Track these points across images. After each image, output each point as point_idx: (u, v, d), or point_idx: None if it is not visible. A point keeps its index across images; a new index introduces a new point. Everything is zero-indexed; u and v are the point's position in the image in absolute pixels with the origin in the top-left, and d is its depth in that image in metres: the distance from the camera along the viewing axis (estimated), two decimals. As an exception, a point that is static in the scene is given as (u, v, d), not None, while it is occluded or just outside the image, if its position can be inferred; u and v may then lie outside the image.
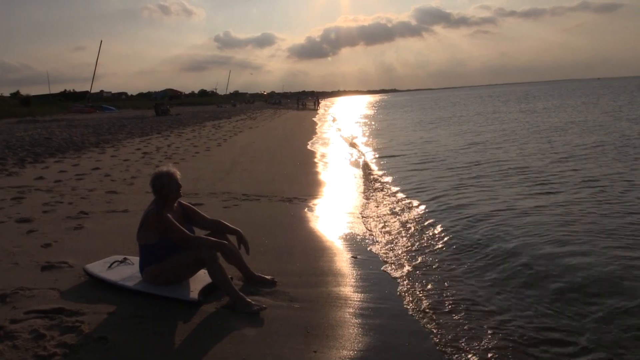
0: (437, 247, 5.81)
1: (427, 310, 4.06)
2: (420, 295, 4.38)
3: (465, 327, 3.76)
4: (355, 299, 4.20)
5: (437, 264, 5.19)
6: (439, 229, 6.53)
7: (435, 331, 3.69)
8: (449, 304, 4.17)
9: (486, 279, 4.80)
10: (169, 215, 4.04)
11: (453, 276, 4.86)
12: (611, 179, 9.35)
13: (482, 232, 6.33)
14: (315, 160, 14.02)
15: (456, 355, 3.36)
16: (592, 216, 6.84)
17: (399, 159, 14.33)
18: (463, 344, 3.50)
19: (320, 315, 3.84)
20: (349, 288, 4.44)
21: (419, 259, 5.36)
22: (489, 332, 3.69)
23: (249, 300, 3.89)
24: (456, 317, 3.93)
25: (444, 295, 4.38)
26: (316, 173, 11.55)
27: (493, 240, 5.94)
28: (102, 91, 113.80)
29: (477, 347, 3.47)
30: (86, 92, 79.61)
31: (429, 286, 4.58)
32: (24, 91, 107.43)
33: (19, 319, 3.57)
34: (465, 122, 28.18)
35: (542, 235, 6.06)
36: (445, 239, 6.09)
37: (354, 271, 4.90)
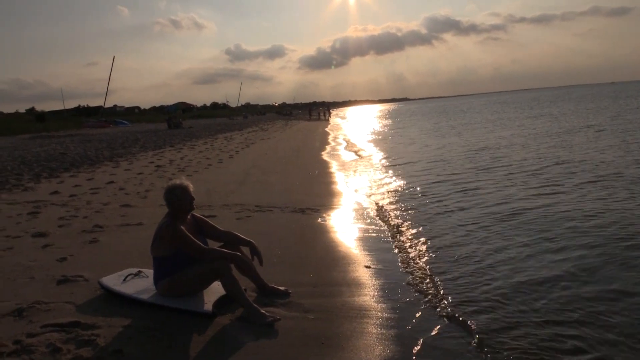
0: (452, 256, 5.76)
1: (443, 320, 4.03)
2: (436, 305, 4.34)
3: (484, 336, 3.71)
4: (370, 310, 4.17)
5: (454, 274, 5.14)
6: (454, 238, 6.49)
7: (451, 343, 3.65)
8: (466, 313, 4.13)
9: (511, 295, 4.72)
10: (182, 227, 4.06)
11: (469, 284, 4.81)
12: None
13: (501, 242, 6.27)
14: (328, 170, 14.02)
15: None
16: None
17: (412, 166, 14.26)
18: (480, 355, 3.46)
19: (335, 326, 3.82)
20: (363, 298, 4.42)
21: (435, 269, 5.31)
22: (511, 340, 3.64)
23: (263, 311, 3.88)
24: (474, 327, 3.88)
25: (460, 304, 4.33)
26: (328, 183, 11.55)
27: (514, 252, 5.89)
28: (115, 106, 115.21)
29: (498, 355, 3.43)
30: (100, 107, 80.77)
31: (444, 295, 4.53)
32: (39, 107, 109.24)
33: (35, 333, 3.60)
34: (470, 129, 28.02)
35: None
36: (460, 247, 6.05)
37: (368, 281, 4.87)
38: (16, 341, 3.47)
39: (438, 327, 3.90)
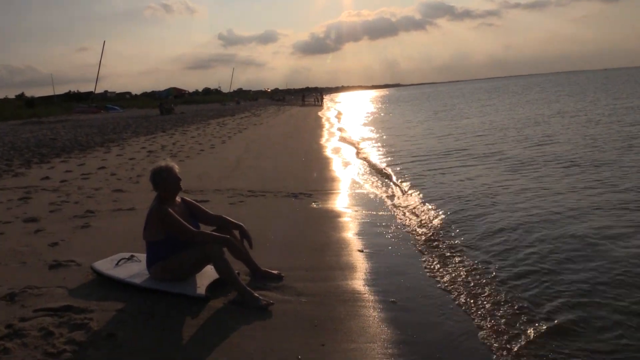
0: (447, 238, 5.78)
1: (437, 303, 4.06)
2: (430, 288, 4.37)
3: (477, 317, 3.75)
4: (363, 293, 4.19)
5: (449, 256, 5.18)
6: (448, 220, 6.52)
7: (445, 324, 3.69)
8: (459, 297, 4.17)
9: (507, 271, 4.76)
10: (170, 210, 4.04)
11: (468, 269, 4.83)
12: None
13: (494, 221, 6.32)
14: (320, 155, 14.00)
15: (466, 347, 3.35)
16: None
17: (405, 152, 14.28)
18: (472, 338, 3.49)
19: (328, 309, 3.83)
20: (356, 282, 4.43)
21: (428, 252, 5.34)
22: (509, 322, 3.68)
23: (257, 295, 3.88)
24: (465, 309, 3.92)
25: (455, 288, 4.36)
26: (321, 169, 11.53)
27: (511, 230, 5.94)
28: (106, 91, 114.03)
29: (490, 343, 3.46)
30: (90, 93, 79.98)
31: (438, 278, 4.57)
32: (29, 93, 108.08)
33: (28, 317, 3.59)
34: (457, 115, 28.07)
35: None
36: (456, 229, 6.08)
37: (362, 265, 4.88)
38: (8, 325, 3.45)
39: (432, 308, 3.93)
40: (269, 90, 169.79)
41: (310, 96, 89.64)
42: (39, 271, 4.60)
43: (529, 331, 3.55)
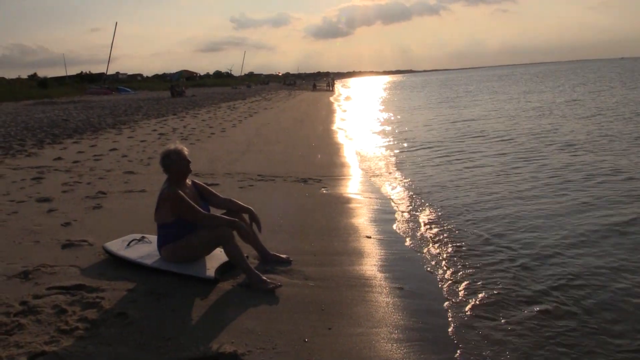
0: (455, 226, 5.80)
1: (444, 289, 4.09)
2: (436, 274, 4.40)
3: (477, 305, 3.78)
4: (370, 278, 4.22)
5: (455, 243, 5.20)
6: (458, 208, 6.53)
7: (451, 311, 3.72)
8: (465, 284, 4.19)
9: (513, 262, 4.79)
10: (180, 192, 4.08)
11: (474, 256, 4.86)
12: None
13: (508, 212, 6.31)
14: (331, 141, 13.99)
15: (472, 335, 3.38)
16: None
17: (418, 139, 14.24)
18: (478, 324, 3.52)
19: (335, 294, 3.88)
20: (364, 267, 4.47)
21: (436, 238, 5.37)
22: (518, 321, 3.70)
23: (265, 278, 3.93)
24: (467, 294, 3.94)
25: (460, 274, 4.39)
26: (331, 154, 11.55)
27: (522, 225, 5.94)
28: (117, 73, 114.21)
29: (500, 335, 3.49)
30: (102, 74, 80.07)
31: (445, 265, 4.59)
32: (41, 73, 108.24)
33: (41, 295, 3.67)
34: (461, 103, 27.85)
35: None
36: (466, 217, 6.09)
37: (369, 250, 4.92)
38: (23, 302, 3.53)
39: (437, 294, 3.97)
40: (280, 74, 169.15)
41: (321, 81, 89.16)
42: (52, 250, 4.68)
43: (539, 323, 3.58)
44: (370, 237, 5.35)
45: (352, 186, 8.07)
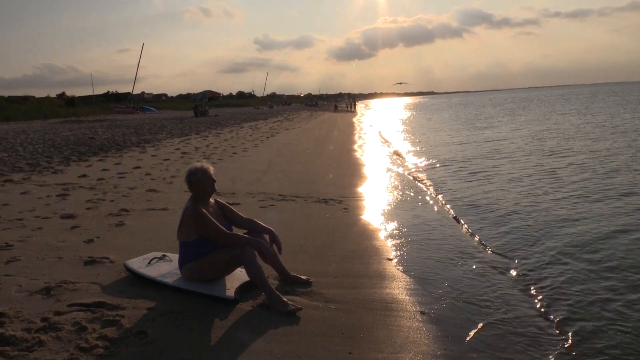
0: (478, 251, 5.69)
1: (467, 316, 3.99)
2: (460, 299, 4.30)
3: (507, 332, 3.67)
4: (392, 302, 4.15)
5: (480, 268, 5.09)
6: (482, 231, 6.42)
7: (475, 338, 3.62)
8: (490, 310, 4.09)
9: (544, 285, 4.66)
10: (204, 211, 4.08)
11: (497, 278, 4.75)
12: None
13: (533, 232, 6.19)
14: (352, 161, 13.97)
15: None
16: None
17: (441, 160, 14.13)
18: (500, 354, 3.42)
19: (356, 317, 3.81)
20: (385, 290, 4.40)
21: (460, 263, 5.26)
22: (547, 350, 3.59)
23: (285, 299, 3.89)
24: (496, 322, 3.84)
25: (484, 300, 4.29)
26: (352, 175, 11.51)
27: (555, 240, 5.81)
28: (143, 92, 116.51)
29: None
30: (128, 94, 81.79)
31: (468, 290, 4.49)
32: (70, 92, 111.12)
33: (62, 312, 3.68)
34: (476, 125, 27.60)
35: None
36: (489, 241, 5.98)
37: (390, 274, 4.84)
38: (44, 318, 3.55)
39: (461, 320, 3.87)
40: (302, 95, 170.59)
41: (342, 102, 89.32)
42: (74, 266, 4.72)
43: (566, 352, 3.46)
44: (391, 260, 5.28)
45: (374, 207, 8.00)
